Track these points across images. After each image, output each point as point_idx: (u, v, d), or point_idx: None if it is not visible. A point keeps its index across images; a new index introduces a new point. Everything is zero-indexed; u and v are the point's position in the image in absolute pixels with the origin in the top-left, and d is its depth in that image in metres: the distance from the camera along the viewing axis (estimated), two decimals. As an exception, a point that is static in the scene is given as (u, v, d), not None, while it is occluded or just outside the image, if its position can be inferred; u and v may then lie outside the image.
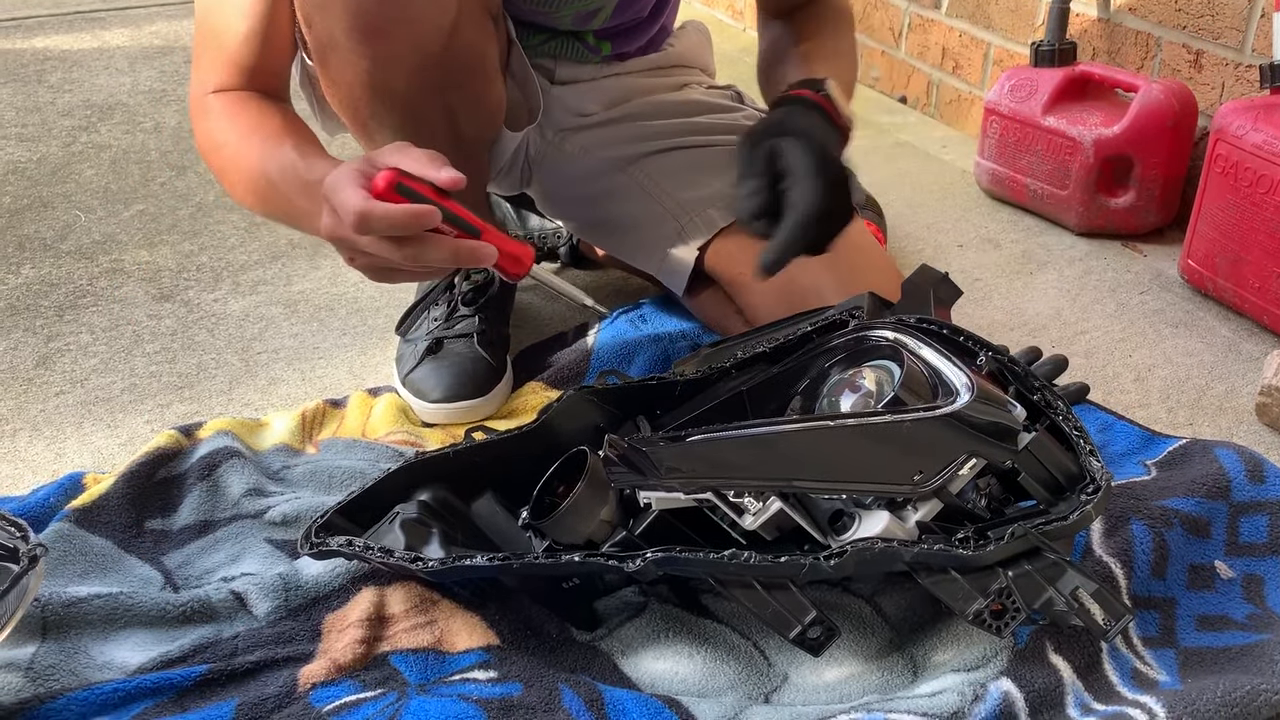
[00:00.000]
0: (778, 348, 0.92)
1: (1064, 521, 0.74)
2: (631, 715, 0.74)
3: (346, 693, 0.77)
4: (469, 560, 0.78)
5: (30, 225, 1.56)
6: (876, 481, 0.76)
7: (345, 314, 1.35)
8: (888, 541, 0.73)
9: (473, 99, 1.06)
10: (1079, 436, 0.79)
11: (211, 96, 1.03)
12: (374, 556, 0.81)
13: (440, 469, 0.89)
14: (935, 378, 0.79)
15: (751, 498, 0.77)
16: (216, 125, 1.03)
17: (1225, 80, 1.49)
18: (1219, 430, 1.13)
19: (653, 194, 1.23)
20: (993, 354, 0.83)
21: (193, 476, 0.99)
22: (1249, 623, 0.84)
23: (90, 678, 0.78)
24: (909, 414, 0.75)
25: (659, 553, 0.75)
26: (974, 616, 0.73)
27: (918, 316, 0.87)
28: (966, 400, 0.76)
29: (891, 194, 1.68)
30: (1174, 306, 1.38)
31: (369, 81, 0.99)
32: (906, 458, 0.75)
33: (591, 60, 1.26)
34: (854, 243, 1.14)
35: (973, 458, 0.76)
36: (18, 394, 1.19)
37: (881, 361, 0.84)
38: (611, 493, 0.81)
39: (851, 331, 0.89)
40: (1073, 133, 1.52)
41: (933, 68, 2.04)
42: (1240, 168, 1.28)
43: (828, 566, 0.73)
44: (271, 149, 0.98)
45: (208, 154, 1.05)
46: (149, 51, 2.31)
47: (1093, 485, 0.76)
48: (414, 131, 1.02)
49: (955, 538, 0.75)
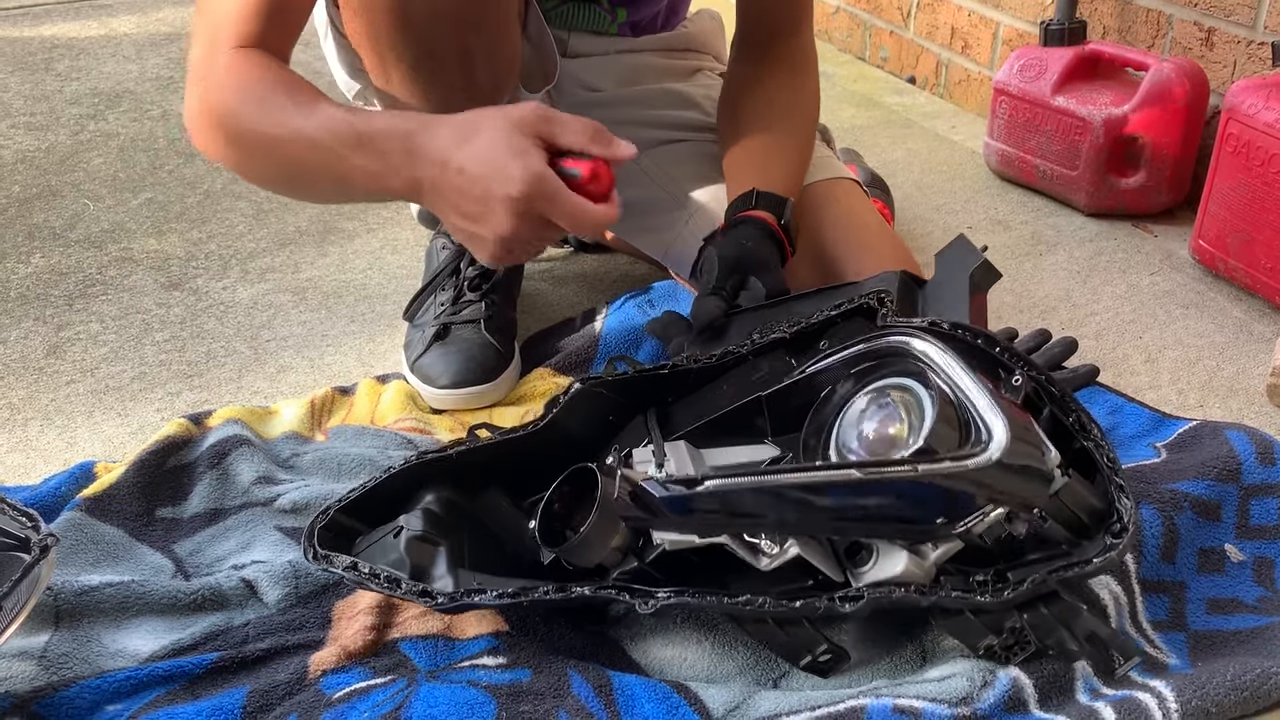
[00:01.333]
0: (798, 332, 0.87)
1: (1086, 567, 0.72)
2: (640, 701, 0.75)
3: (357, 679, 0.77)
4: (478, 597, 0.77)
5: (39, 214, 1.56)
6: (899, 526, 0.74)
7: (353, 301, 1.35)
8: (905, 587, 0.72)
9: (489, 42, 1.04)
10: (1111, 468, 0.75)
11: (220, 55, 0.92)
12: (380, 587, 0.78)
13: (444, 468, 0.87)
14: (967, 411, 0.73)
15: (768, 540, 0.76)
16: (225, 90, 0.91)
17: (1237, 58, 1.47)
18: (1230, 412, 1.13)
19: (660, 183, 1.23)
20: (1030, 371, 0.77)
21: (203, 465, 0.99)
22: (1260, 606, 0.84)
23: (103, 666, 0.78)
24: (938, 466, 0.70)
25: (671, 595, 0.74)
26: (984, 651, 0.73)
27: (951, 322, 0.80)
28: (999, 451, 0.69)
29: (900, 175, 1.67)
30: (1185, 287, 1.37)
31: (390, 5, 0.97)
32: (931, 506, 0.72)
33: (606, 30, 1.25)
34: (860, 221, 1.14)
35: (999, 506, 0.72)
36: (29, 383, 1.19)
37: (909, 383, 0.77)
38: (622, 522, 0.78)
39: (879, 333, 0.81)
40: (1082, 112, 1.50)
41: (941, 47, 2.02)
42: (1252, 147, 1.27)
43: (843, 610, 0.72)
44: (305, 107, 0.88)
45: (214, 122, 0.92)
46: (156, 39, 2.31)
47: (1119, 525, 0.73)
48: (430, 71, 1.01)
49: (974, 579, 0.73)
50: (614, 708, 0.74)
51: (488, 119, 0.83)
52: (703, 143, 1.23)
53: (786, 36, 1.18)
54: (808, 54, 1.19)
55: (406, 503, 0.85)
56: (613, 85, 1.27)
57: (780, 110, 1.14)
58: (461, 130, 0.83)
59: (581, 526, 0.76)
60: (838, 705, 0.73)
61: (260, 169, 0.95)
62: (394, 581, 0.78)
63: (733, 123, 1.17)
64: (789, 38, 1.18)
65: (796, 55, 1.18)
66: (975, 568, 0.75)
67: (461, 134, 0.83)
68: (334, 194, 0.97)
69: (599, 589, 0.76)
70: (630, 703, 0.75)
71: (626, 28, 1.26)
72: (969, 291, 0.87)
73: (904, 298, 0.87)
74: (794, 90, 1.17)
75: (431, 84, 0.99)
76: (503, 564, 0.83)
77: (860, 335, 0.82)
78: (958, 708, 0.72)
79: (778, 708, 0.74)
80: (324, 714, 0.74)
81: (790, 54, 1.18)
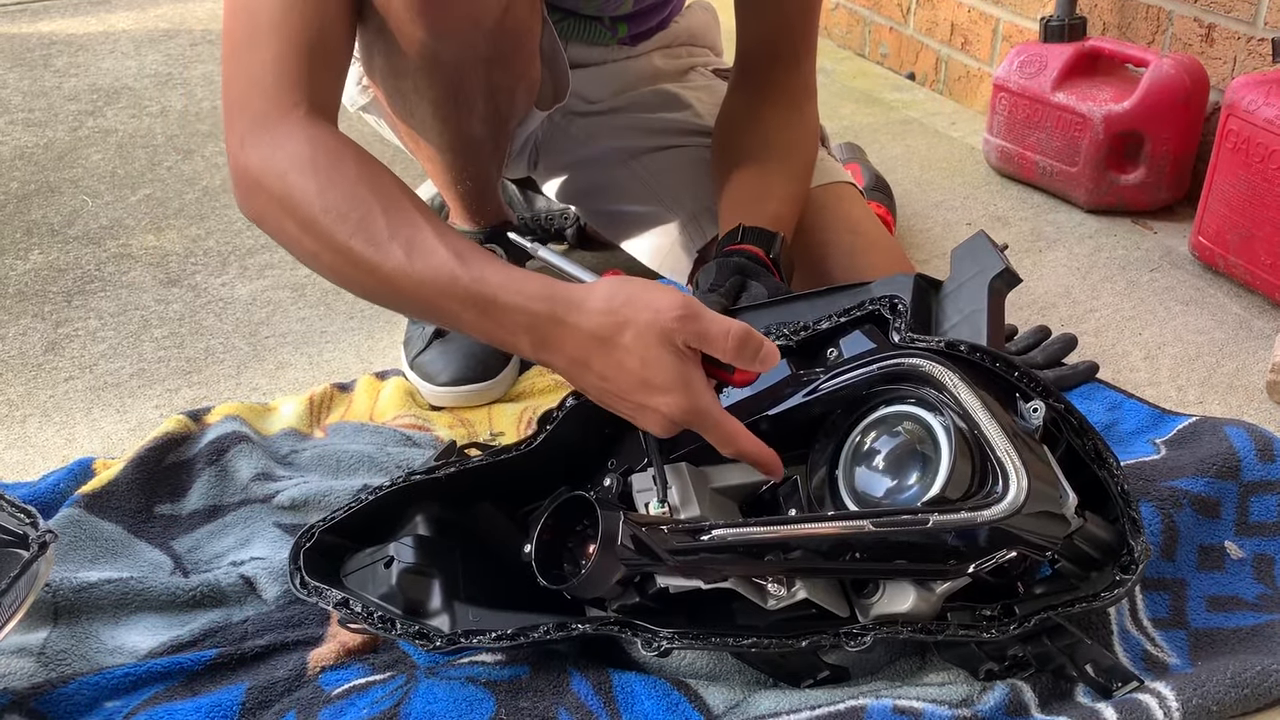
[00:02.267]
0: (803, 341, 0.83)
1: (1094, 601, 0.71)
2: (640, 698, 0.75)
3: (356, 676, 0.77)
4: (477, 639, 0.75)
5: (38, 211, 1.56)
6: (909, 567, 0.72)
7: (352, 298, 1.34)
8: (912, 625, 0.71)
9: (514, 77, 1.04)
10: (1124, 502, 0.73)
11: (280, 117, 0.82)
12: (375, 628, 0.76)
13: (433, 489, 0.84)
14: (983, 451, 0.70)
15: (775, 583, 0.74)
16: (300, 174, 0.81)
17: (1237, 54, 1.47)
18: (1229, 408, 1.12)
19: (655, 191, 1.23)
20: (1050, 400, 0.74)
21: (201, 461, 0.99)
22: (1260, 603, 0.84)
23: (101, 662, 0.78)
24: (952, 519, 0.68)
25: (677, 636, 0.72)
26: (984, 674, 0.73)
27: (969, 344, 0.75)
28: (1016, 502, 0.67)
29: (900, 172, 1.67)
30: (1184, 284, 1.37)
31: (420, 50, 0.95)
32: (943, 550, 0.70)
33: (606, 42, 1.25)
34: (851, 227, 1.13)
35: (1013, 551, 0.70)
36: (27, 380, 1.19)
37: (924, 415, 0.73)
38: None
39: (893, 355, 0.76)
40: (1082, 109, 1.50)
41: (941, 44, 2.02)
42: (1252, 143, 1.27)
43: (848, 647, 0.71)
44: (406, 239, 0.78)
45: (283, 208, 0.81)
46: (154, 35, 2.31)
47: (1129, 560, 0.72)
48: (454, 107, 1.00)
49: (980, 613, 0.72)
50: (613, 705, 0.74)
51: (633, 319, 0.72)
52: (696, 148, 1.23)
53: (787, 67, 1.14)
54: (808, 86, 1.16)
55: (395, 520, 0.82)
56: (609, 95, 1.27)
57: (777, 149, 1.11)
58: (603, 330, 0.73)
59: (576, 551, 0.74)
60: (838, 705, 0.73)
61: (337, 275, 0.84)
62: (388, 622, 0.75)
63: (727, 158, 1.13)
64: (790, 69, 1.14)
65: (796, 87, 1.14)
66: (981, 602, 0.74)
67: (601, 336, 0.74)
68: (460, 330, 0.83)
69: (601, 626, 0.74)
70: (630, 700, 0.75)
71: (627, 39, 1.26)
72: (989, 297, 0.81)
73: (919, 302, 0.82)
74: (792, 127, 1.13)
75: (454, 117, 0.98)
76: (499, 589, 0.80)
77: (870, 345, 0.79)
78: (959, 709, 0.72)
79: (778, 706, 0.74)
80: (323, 710, 0.74)
81: (790, 86, 1.14)
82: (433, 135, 1.04)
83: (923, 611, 0.72)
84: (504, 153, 1.16)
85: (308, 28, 0.84)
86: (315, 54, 0.84)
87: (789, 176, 1.11)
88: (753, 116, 1.14)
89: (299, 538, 0.80)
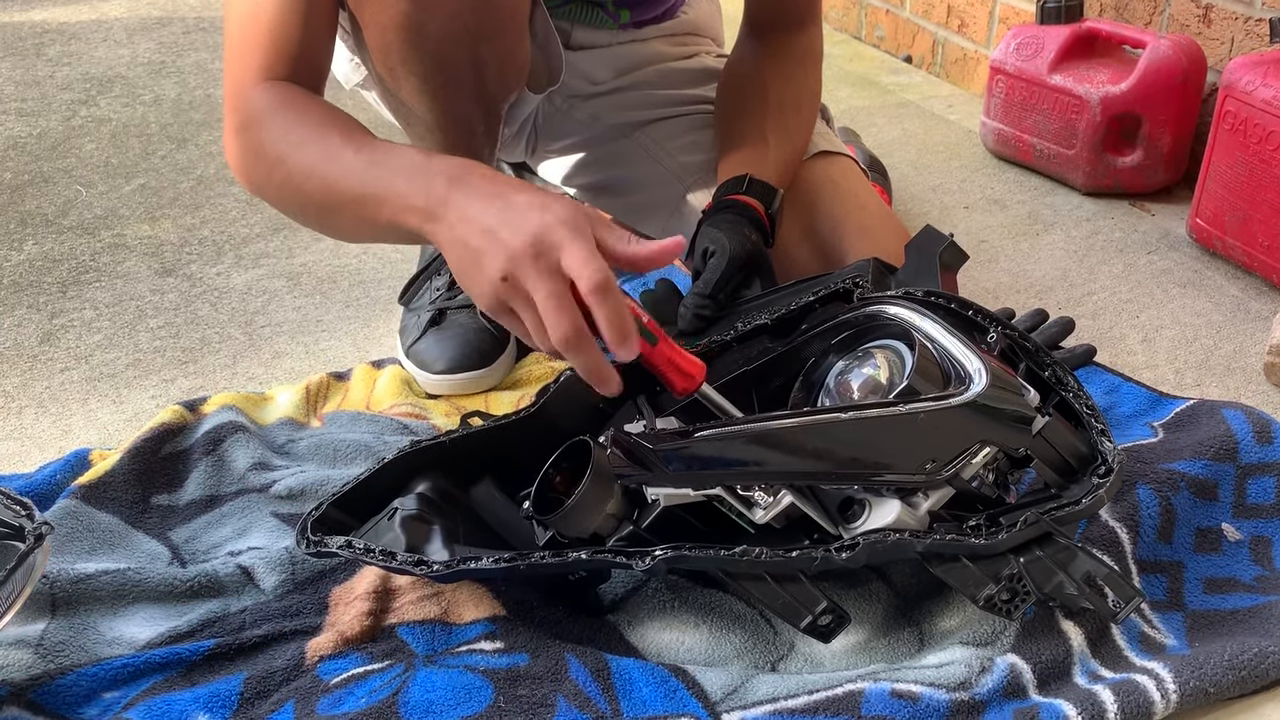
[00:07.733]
0: (779, 318, 0.90)
1: (1076, 506, 0.74)
2: (638, 684, 0.75)
3: (354, 665, 0.77)
4: (474, 563, 0.76)
5: (32, 201, 1.55)
6: (888, 472, 0.75)
7: (348, 286, 1.34)
8: (900, 533, 0.73)
9: (502, 53, 1.04)
10: (1090, 415, 0.78)
11: (258, 93, 0.91)
12: (376, 560, 0.78)
13: (437, 457, 0.87)
14: (946, 360, 0.77)
15: (761, 491, 0.76)
16: (272, 133, 0.90)
17: (1234, 35, 1.47)
18: (1227, 390, 1.12)
19: (656, 157, 1.22)
20: (1003, 329, 0.81)
21: (198, 451, 0.99)
22: (1257, 585, 0.84)
23: (99, 653, 0.78)
24: (922, 404, 0.73)
25: (668, 550, 0.74)
26: (985, 601, 0.74)
27: (925, 289, 0.84)
28: (980, 389, 0.74)
29: (896, 155, 1.66)
30: (1182, 266, 1.37)
31: (404, 23, 0.95)
32: (919, 447, 0.74)
33: (608, 27, 1.24)
34: (860, 203, 1.13)
35: (986, 446, 0.75)
36: (23, 371, 1.19)
37: (890, 342, 0.81)
38: (616, 486, 0.78)
39: (857, 306, 0.86)
40: (1079, 91, 1.50)
41: (938, 26, 2.01)
42: (1250, 124, 1.26)
43: (840, 559, 0.72)
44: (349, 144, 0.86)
45: (265, 171, 0.91)
46: (147, 23, 2.30)
47: (1104, 467, 0.75)
48: (441, 82, 1.00)
49: (967, 525, 0.74)
50: (612, 691, 0.74)
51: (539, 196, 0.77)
52: (698, 115, 1.23)
53: (794, 28, 1.15)
54: (813, 48, 1.17)
55: (400, 493, 0.84)
56: (613, 76, 1.27)
57: (776, 106, 1.12)
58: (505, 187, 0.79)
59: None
60: (835, 689, 0.73)
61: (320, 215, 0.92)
62: (389, 554, 0.77)
63: (730, 112, 1.15)
64: (796, 30, 1.15)
65: (801, 48, 1.15)
66: (968, 514, 0.76)
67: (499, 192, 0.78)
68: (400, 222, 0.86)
69: (596, 553, 0.76)
70: (628, 686, 0.75)
71: (630, 25, 1.26)
72: (939, 271, 0.89)
73: (878, 281, 0.90)
74: (795, 85, 1.14)
75: (442, 93, 0.98)
76: (497, 547, 0.82)
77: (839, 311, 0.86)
78: (956, 693, 0.72)
79: (775, 691, 0.74)
80: (321, 700, 0.74)
81: (796, 47, 1.15)
82: (422, 112, 1.03)
83: (909, 525, 0.74)
84: (496, 134, 1.16)
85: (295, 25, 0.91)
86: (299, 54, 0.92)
87: (790, 134, 1.12)
88: (757, 73, 1.15)
89: (307, 512, 0.82)
